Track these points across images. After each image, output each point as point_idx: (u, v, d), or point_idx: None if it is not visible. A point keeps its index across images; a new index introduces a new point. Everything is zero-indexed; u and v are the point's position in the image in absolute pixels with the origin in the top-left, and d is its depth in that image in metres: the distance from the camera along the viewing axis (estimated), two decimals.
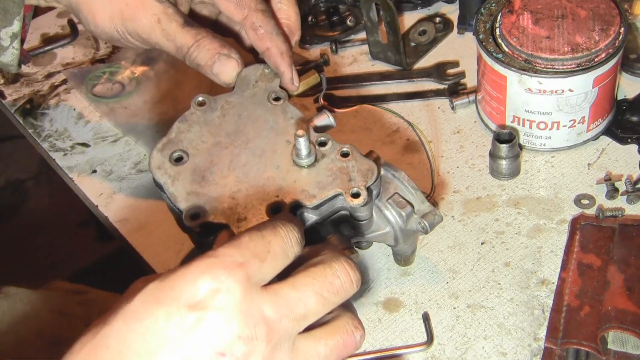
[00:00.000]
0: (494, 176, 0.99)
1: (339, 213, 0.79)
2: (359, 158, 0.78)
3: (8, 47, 0.87)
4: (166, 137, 0.81)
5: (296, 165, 0.78)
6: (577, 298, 0.83)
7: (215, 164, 0.79)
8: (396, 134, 1.06)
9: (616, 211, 0.91)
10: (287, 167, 0.78)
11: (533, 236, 0.92)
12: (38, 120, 1.19)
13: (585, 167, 0.99)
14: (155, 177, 0.79)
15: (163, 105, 1.14)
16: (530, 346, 0.81)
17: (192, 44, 0.83)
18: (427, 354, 0.82)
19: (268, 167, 0.79)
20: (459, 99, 1.09)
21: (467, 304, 0.86)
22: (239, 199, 0.77)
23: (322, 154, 0.79)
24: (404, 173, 0.82)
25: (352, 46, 1.22)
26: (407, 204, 0.80)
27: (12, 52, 0.88)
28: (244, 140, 0.81)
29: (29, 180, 2.50)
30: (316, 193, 0.76)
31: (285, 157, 0.79)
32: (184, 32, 0.83)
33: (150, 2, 0.83)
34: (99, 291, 0.99)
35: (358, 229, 0.81)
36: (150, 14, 0.83)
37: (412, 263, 0.90)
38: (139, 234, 1.00)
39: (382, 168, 0.80)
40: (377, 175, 0.77)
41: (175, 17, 0.83)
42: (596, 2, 0.96)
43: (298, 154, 0.78)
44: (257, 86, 0.85)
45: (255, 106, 0.84)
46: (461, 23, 1.22)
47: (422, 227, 0.81)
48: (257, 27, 0.84)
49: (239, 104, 0.84)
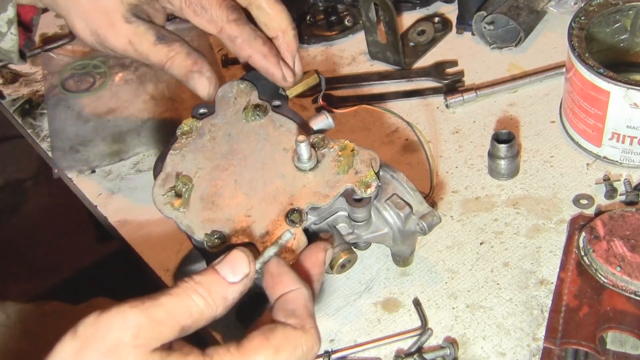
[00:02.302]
0: (493, 176, 0.99)
1: (337, 214, 0.79)
2: (358, 149, 0.79)
3: (6, 32, 0.88)
4: (163, 172, 0.81)
5: (300, 170, 0.78)
6: (576, 298, 0.83)
7: (220, 187, 0.79)
8: (395, 134, 1.06)
9: None
10: (292, 174, 0.79)
11: (532, 236, 0.92)
12: (37, 120, 1.19)
13: (584, 167, 0.99)
14: (165, 214, 0.78)
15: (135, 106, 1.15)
16: (529, 346, 0.81)
17: (166, 61, 0.84)
18: None
19: (273, 178, 0.79)
20: (452, 97, 1.08)
21: (466, 304, 0.86)
22: (255, 216, 0.76)
23: (321, 154, 0.79)
24: (402, 174, 0.82)
25: None
26: (405, 205, 0.80)
27: (11, 37, 0.88)
28: (241, 157, 0.81)
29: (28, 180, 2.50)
30: (328, 192, 0.76)
31: (286, 164, 0.79)
32: (156, 50, 0.84)
33: (120, 24, 0.84)
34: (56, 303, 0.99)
35: (356, 229, 0.81)
36: (122, 37, 0.84)
37: (410, 264, 0.90)
38: (138, 234, 1.00)
39: (380, 169, 0.80)
40: (379, 160, 0.78)
41: (147, 36, 0.84)
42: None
43: (300, 159, 0.78)
44: (237, 103, 0.85)
45: (242, 123, 0.84)
46: (460, 23, 1.22)
47: (421, 228, 0.81)
48: (233, 37, 0.84)
49: (224, 124, 0.84)
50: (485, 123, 1.07)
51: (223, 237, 0.75)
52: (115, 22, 0.84)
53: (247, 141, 0.82)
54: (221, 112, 0.85)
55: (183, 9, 0.85)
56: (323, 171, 0.78)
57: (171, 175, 0.80)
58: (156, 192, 0.79)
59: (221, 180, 0.79)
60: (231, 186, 0.79)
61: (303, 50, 1.23)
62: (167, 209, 0.78)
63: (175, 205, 0.78)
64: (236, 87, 0.86)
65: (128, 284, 1.06)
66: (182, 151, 0.82)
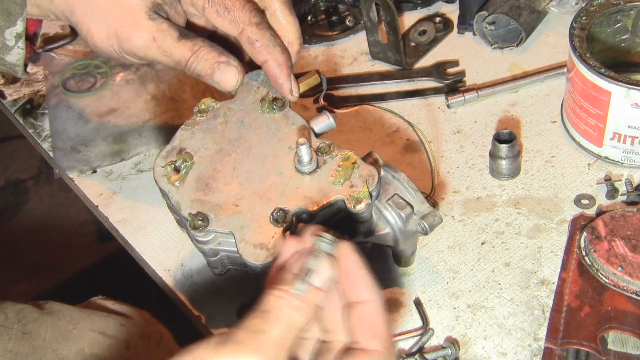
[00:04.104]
0: (494, 176, 0.99)
1: (338, 215, 0.79)
2: (359, 163, 0.78)
3: (13, 46, 0.88)
4: (170, 145, 0.82)
5: (298, 172, 0.78)
6: (577, 298, 0.83)
7: (218, 171, 0.79)
8: (396, 134, 1.06)
9: None
10: (289, 174, 0.79)
11: (533, 236, 0.91)
12: (38, 120, 1.19)
13: (585, 167, 0.98)
14: (159, 185, 0.79)
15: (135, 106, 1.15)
16: (530, 346, 0.81)
17: (190, 56, 0.83)
18: None
19: (271, 173, 0.79)
20: (454, 97, 1.08)
21: (467, 304, 0.86)
22: (242, 206, 0.77)
23: (323, 160, 0.79)
24: (403, 174, 0.82)
25: None
26: (406, 205, 0.80)
27: (17, 51, 0.88)
28: (246, 147, 0.81)
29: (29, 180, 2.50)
30: (319, 199, 0.76)
31: (287, 163, 0.79)
32: (180, 45, 0.83)
33: (143, 21, 0.83)
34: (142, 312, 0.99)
35: (358, 230, 0.81)
36: (145, 33, 0.83)
37: (412, 264, 0.90)
38: (139, 234, 1.00)
39: (381, 169, 0.80)
40: (378, 180, 0.77)
41: (170, 32, 0.83)
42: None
43: (300, 161, 0.78)
44: (258, 92, 0.85)
45: (257, 113, 0.84)
46: (461, 23, 1.22)
47: (422, 228, 0.81)
48: (253, 40, 0.84)
49: (240, 111, 0.84)
50: (486, 123, 1.07)
51: (206, 221, 0.76)
52: (138, 19, 0.83)
53: (257, 132, 0.82)
54: (241, 98, 0.85)
55: (206, 9, 0.85)
56: (320, 177, 0.78)
57: (176, 149, 0.81)
58: (157, 162, 0.81)
59: (221, 164, 0.80)
60: (228, 173, 0.79)
61: (305, 50, 1.23)
62: (162, 180, 0.79)
63: (172, 180, 0.79)
64: (262, 77, 0.86)
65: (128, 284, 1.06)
66: (193, 128, 0.83)
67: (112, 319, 0.97)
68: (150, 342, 0.97)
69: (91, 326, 0.94)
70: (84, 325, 0.94)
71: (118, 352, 0.93)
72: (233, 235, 0.75)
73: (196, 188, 0.78)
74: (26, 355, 0.89)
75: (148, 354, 0.95)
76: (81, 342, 0.92)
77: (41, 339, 0.91)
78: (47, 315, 0.95)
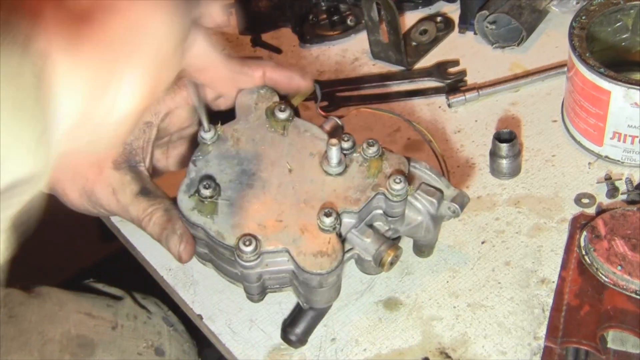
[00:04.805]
0: (495, 175, 0.99)
1: (372, 213, 0.79)
2: (385, 153, 0.79)
3: None
4: (187, 178, 0.79)
5: (328, 175, 0.78)
6: (577, 297, 0.83)
7: (248, 192, 0.78)
8: (397, 133, 1.07)
9: None
10: (321, 179, 0.78)
11: (533, 235, 0.92)
12: None
13: (586, 166, 0.99)
14: (191, 220, 0.76)
15: None
16: (530, 345, 0.82)
17: (143, 217, 0.79)
18: (428, 353, 0.82)
19: (302, 183, 0.78)
20: (454, 96, 1.09)
21: (467, 303, 0.86)
22: (287, 220, 0.75)
23: (350, 159, 0.79)
24: (424, 162, 0.83)
25: None
26: (435, 191, 0.80)
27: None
28: (267, 162, 0.80)
29: None
30: (359, 196, 0.76)
31: (314, 169, 0.79)
32: (136, 203, 0.79)
33: (107, 171, 0.80)
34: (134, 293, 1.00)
35: (393, 224, 0.81)
36: (106, 185, 0.79)
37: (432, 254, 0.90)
38: (140, 234, 0.99)
39: None
40: (408, 164, 0.78)
41: (131, 186, 0.79)
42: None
43: (330, 163, 0.77)
44: (259, 108, 0.84)
45: (264, 128, 0.83)
46: (462, 22, 1.22)
47: (453, 211, 0.81)
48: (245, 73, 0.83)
49: (247, 129, 0.83)
50: (487, 122, 1.07)
51: (256, 242, 0.73)
52: (103, 168, 0.80)
53: (273, 146, 0.81)
54: (243, 117, 0.83)
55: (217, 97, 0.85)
56: (352, 176, 0.78)
57: (195, 180, 0.78)
58: (181, 198, 0.77)
59: (248, 185, 0.78)
60: (259, 191, 0.77)
61: (305, 50, 1.23)
62: (193, 215, 0.76)
63: (203, 212, 0.76)
64: (257, 93, 0.85)
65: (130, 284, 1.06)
66: (206, 157, 0.80)
67: (100, 300, 0.97)
68: (137, 321, 0.97)
69: (78, 308, 0.93)
70: (71, 307, 0.94)
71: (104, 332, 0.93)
72: (288, 251, 0.74)
73: (231, 213, 0.76)
74: (12, 338, 0.89)
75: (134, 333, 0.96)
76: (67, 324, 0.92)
77: (27, 322, 0.90)
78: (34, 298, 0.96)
